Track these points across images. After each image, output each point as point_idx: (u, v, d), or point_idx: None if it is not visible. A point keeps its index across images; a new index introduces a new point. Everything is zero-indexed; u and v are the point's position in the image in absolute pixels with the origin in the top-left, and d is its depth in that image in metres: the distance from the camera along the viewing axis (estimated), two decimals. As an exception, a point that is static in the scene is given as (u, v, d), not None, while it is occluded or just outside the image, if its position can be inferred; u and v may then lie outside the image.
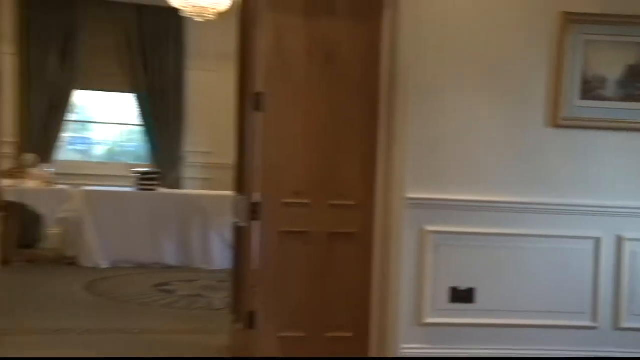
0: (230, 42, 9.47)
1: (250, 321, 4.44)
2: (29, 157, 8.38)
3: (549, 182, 4.45)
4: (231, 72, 9.48)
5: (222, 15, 6.64)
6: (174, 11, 8.37)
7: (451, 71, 4.34)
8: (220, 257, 8.00)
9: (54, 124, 9.25)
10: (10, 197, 7.43)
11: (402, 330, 4.36)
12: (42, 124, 9.19)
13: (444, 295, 4.39)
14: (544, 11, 4.38)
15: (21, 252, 8.34)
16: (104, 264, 7.82)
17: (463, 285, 4.41)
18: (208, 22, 6.79)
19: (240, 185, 4.74)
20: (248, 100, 4.49)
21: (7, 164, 7.85)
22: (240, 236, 4.67)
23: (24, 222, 8.88)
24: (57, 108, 9.22)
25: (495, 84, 4.40)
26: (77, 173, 9.51)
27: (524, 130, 4.43)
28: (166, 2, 6.72)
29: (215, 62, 9.76)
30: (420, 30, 4.28)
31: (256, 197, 4.41)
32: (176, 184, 9.67)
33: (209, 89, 9.75)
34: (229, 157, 9.30)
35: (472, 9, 4.35)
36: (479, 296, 4.41)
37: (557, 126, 4.42)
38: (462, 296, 4.40)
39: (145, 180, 8.18)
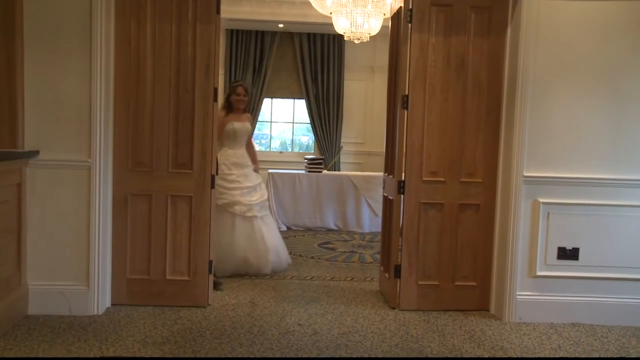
0: (375, 58, 9.59)
1: (396, 272, 4.48)
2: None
3: None
4: (376, 80, 9.63)
5: (371, 37, 6.65)
6: (336, 36, 8.51)
7: (562, 73, 4.20)
8: (368, 222, 8.00)
9: (247, 124, 9.62)
10: (217, 177, 7.78)
11: (518, 281, 4.29)
12: (239, 123, 9.60)
13: (553, 253, 4.28)
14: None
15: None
16: (282, 227, 7.90)
17: (569, 245, 4.27)
18: (360, 43, 6.80)
19: (390, 167, 4.77)
20: (397, 101, 4.52)
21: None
22: (389, 206, 4.70)
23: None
24: (250, 112, 9.61)
25: (599, 84, 4.21)
26: (263, 160, 9.82)
27: (622, 121, 4.22)
28: (331, 30, 6.80)
29: (364, 73, 9.85)
30: (536, 41, 4.16)
31: (402, 176, 4.44)
32: (335, 167, 9.82)
33: (360, 94, 9.85)
34: (376, 145, 9.46)
35: (581, 23, 4.18)
36: (582, 254, 4.27)
37: (653, 118, 4.20)
38: (568, 254, 4.27)
39: (312, 165, 8.21)
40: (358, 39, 6.31)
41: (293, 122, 10.30)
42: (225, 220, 5.36)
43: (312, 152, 10.13)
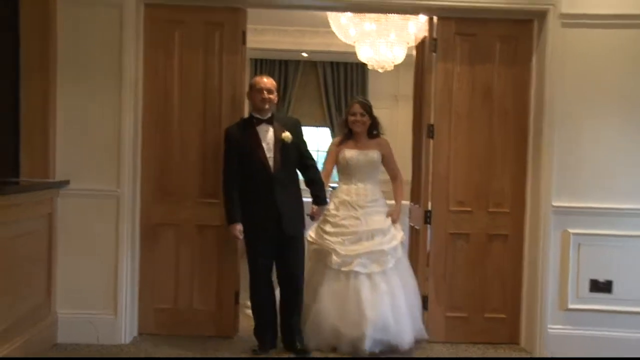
0: (398, 86, 9.62)
1: (423, 303, 4.44)
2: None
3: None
4: (400, 109, 9.64)
5: (395, 66, 6.73)
6: (360, 65, 8.57)
7: (591, 102, 4.20)
8: (393, 252, 7.92)
9: (269, 152, 9.72)
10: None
11: (549, 314, 4.24)
12: (263, 151, 9.71)
13: (585, 285, 4.22)
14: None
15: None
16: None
17: (602, 278, 4.21)
18: (384, 72, 6.88)
19: (416, 196, 4.79)
20: (422, 129, 4.56)
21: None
22: (416, 237, 4.70)
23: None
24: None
25: (630, 112, 4.20)
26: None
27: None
28: (354, 59, 6.88)
29: (388, 101, 9.89)
30: (563, 70, 4.18)
31: (429, 205, 4.45)
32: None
33: (383, 123, 9.84)
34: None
35: (611, 51, 4.18)
36: (616, 287, 4.20)
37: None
38: (601, 287, 4.20)
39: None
40: (382, 68, 6.38)
41: (317, 151, 10.36)
42: (318, 274, 4.23)
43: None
